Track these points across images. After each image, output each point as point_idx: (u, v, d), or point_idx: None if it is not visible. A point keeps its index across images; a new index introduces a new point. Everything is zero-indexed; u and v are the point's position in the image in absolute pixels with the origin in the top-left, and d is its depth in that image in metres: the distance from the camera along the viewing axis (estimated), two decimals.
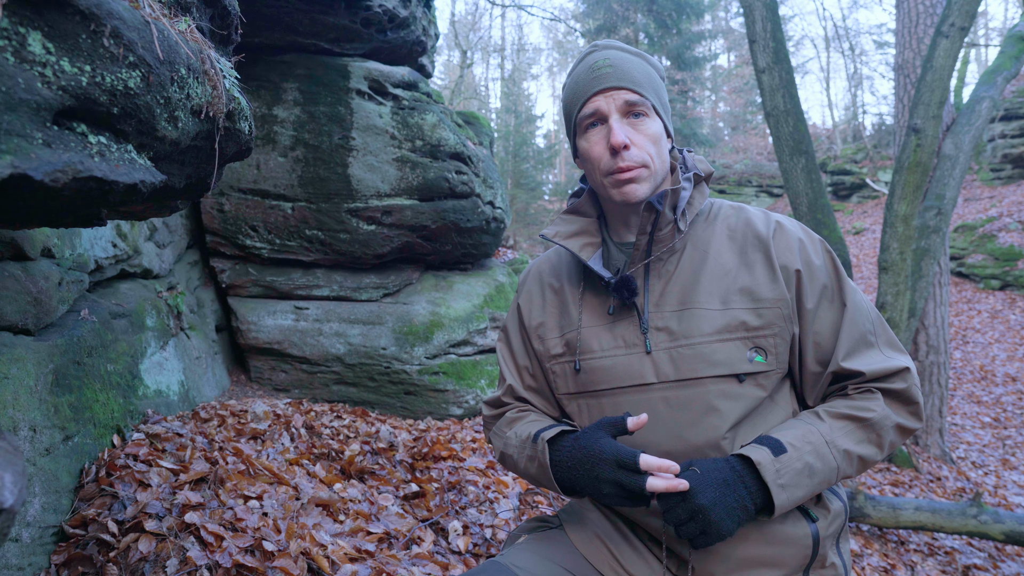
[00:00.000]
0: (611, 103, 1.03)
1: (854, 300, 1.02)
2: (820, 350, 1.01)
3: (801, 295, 1.01)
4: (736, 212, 1.10)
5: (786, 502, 0.92)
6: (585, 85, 1.05)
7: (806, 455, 0.93)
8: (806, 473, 0.93)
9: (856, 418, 0.97)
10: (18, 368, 1.64)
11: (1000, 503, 4.87)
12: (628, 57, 1.06)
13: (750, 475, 0.92)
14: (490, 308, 4.50)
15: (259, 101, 4.00)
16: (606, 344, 1.06)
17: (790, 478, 0.92)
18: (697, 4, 14.33)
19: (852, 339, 1.00)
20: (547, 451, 1.03)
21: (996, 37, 24.34)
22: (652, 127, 1.04)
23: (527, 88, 32.71)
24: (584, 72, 1.06)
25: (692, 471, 0.92)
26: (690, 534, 0.89)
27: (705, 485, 0.90)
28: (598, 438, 0.97)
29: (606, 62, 1.04)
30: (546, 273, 1.20)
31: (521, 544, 1.09)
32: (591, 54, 1.08)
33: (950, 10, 4.97)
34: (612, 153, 1.02)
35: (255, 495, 1.93)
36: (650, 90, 1.05)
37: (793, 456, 0.93)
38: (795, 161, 5.21)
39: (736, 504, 0.90)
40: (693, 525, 0.89)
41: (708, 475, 0.91)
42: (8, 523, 0.82)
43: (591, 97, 1.04)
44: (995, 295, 11.26)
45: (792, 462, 0.92)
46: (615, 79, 1.03)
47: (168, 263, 3.33)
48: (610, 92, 1.03)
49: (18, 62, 0.82)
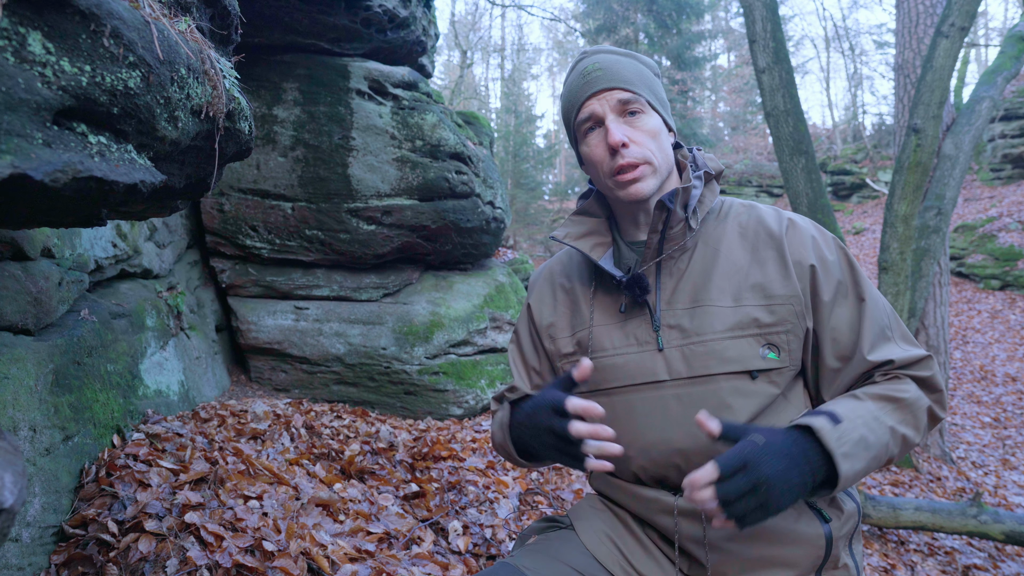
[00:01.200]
0: (605, 104, 1.04)
1: (872, 295, 1.02)
2: (838, 345, 1.01)
3: (816, 291, 1.01)
4: (747, 210, 1.10)
5: (849, 473, 0.86)
6: (578, 91, 1.07)
7: (860, 427, 0.89)
8: (863, 445, 0.88)
9: (893, 398, 0.96)
10: (18, 368, 1.64)
11: (1000, 503, 4.87)
12: (617, 59, 1.07)
13: (812, 447, 0.87)
14: (490, 308, 4.50)
15: (259, 101, 4.00)
16: (618, 342, 1.06)
17: (850, 447, 0.87)
18: (697, 4, 14.32)
19: (873, 334, 1.00)
20: (508, 411, 1.05)
21: (996, 37, 24.34)
22: (650, 122, 1.05)
23: (527, 88, 32.73)
24: (576, 79, 1.08)
25: (752, 440, 0.85)
26: (745, 510, 0.81)
27: (769, 455, 0.82)
28: (547, 390, 0.98)
29: (595, 66, 1.06)
30: (557, 274, 1.21)
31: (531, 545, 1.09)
32: (581, 61, 1.10)
33: (950, 10, 4.97)
34: (612, 153, 1.03)
35: (255, 495, 1.93)
36: (643, 87, 1.06)
37: (849, 426, 0.88)
38: (795, 161, 5.21)
39: (798, 478, 0.84)
40: (752, 499, 0.81)
41: (771, 445, 0.84)
42: (8, 523, 0.82)
43: (585, 101, 1.05)
44: (995, 295, 11.26)
45: (850, 431, 0.88)
46: (606, 81, 1.04)
47: (168, 263, 3.33)
48: (602, 94, 1.04)
49: (18, 62, 0.82)
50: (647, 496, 1.04)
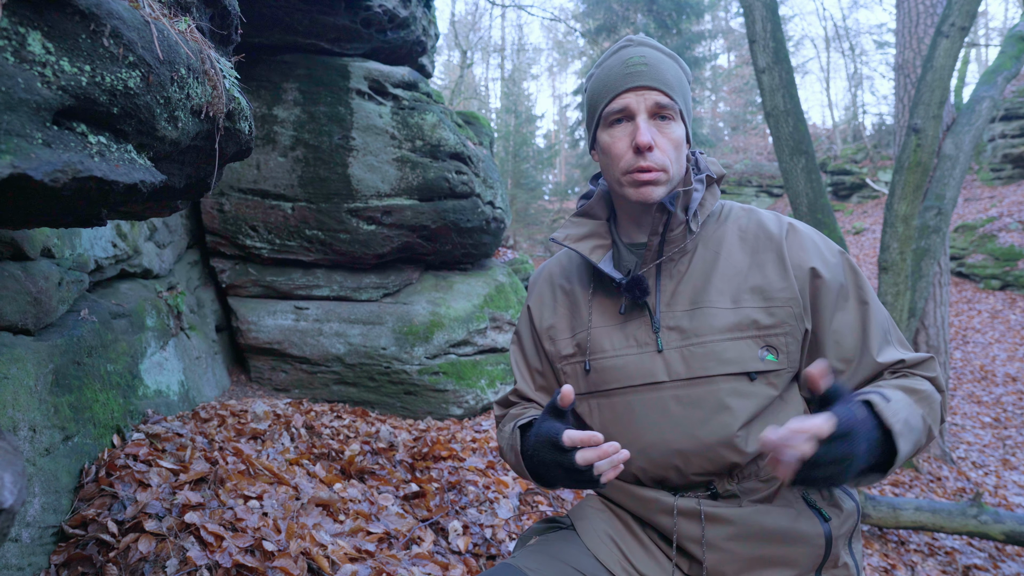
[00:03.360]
0: (641, 102, 1.02)
1: (874, 299, 1.03)
2: (842, 348, 1.01)
3: (817, 294, 1.01)
4: (747, 214, 1.11)
5: (904, 450, 0.84)
6: (617, 79, 1.03)
7: (903, 408, 0.88)
8: (908, 427, 0.87)
9: (915, 390, 0.95)
10: (18, 368, 1.64)
11: (1000, 503, 4.87)
12: (662, 57, 1.05)
13: (872, 428, 0.84)
14: (490, 308, 4.49)
15: (259, 101, 4.00)
16: (618, 344, 1.06)
17: (901, 426, 0.85)
18: (697, 4, 14.32)
19: (878, 337, 1.00)
20: (519, 438, 1.04)
21: (996, 37, 24.33)
22: (677, 132, 1.04)
23: (527, 88, 32.72)
24: (617, 66, 1.04)
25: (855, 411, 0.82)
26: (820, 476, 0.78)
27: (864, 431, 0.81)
28: (543, 421, 0.97)
29: (641, 59, 1.03)
30: (556, 275, 1.21)
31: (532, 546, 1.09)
32: (625, 48, 1.06)
33: (950, 10, 4.97)
34: (636, 152, 1.01)
35: (255, 495, 1.93)
36: (680, 94, 1.05)
37: (896, 407, 0.87)
38: (795, 161, 5.21)
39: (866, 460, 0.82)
40: (832, 469, 0.78)
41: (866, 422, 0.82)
42: (8, 523, 0.81)
43: (622, 93, 1.02)
44: (995, 295, 11.25)
45: (899, 411, 0.86)
46: (648, 78, 1.02)
47: (168, 263, 3.33)
48: (642, 91, 1.02)
49: (18, 62, 0.82)
50: (647, 496, 1.05)
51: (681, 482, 1.03)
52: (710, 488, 1.02)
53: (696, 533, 1.00)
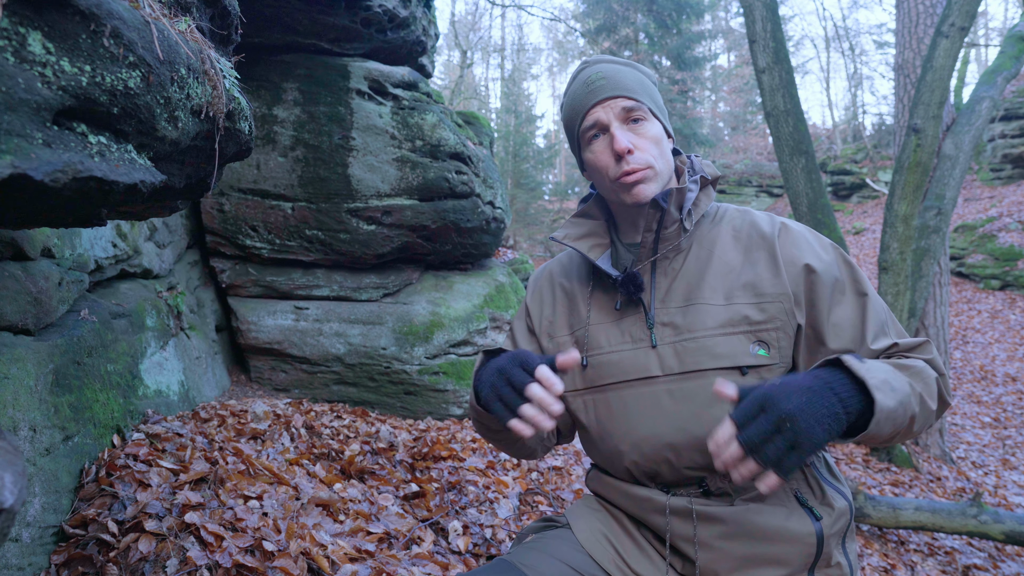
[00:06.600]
0: (609, 112, 1.07)
1: (872, 291, 1.04)
2: (841, 341, 1.01)
3: (813, 289, 1.02)
4: (741, 214, 1.14)
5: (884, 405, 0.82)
6: (583, 99, 1.09)
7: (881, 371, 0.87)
8: (889, 386, 0.85)
9: (904, 365, 0.96)
10: (18, 368, 1.64)
11: (1000, 503, 4.87)
12: (619, 68, 1.11)
13: (838, 379, 0.84)
14: (490, 308, 4.50)
15: (259, 101, 4.00)
16: (613, 340, 1.09)
17: (879, 382, 0.83)
18: (697, 4, 14.32)
19: (876, 327, 1.01)
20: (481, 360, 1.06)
21: (996, 37, 24.34)
22: (652, 129, 1.08)
23: (527, 88, 32.72)
24: (580, 88, 1.11)
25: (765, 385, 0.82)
26: (777, 452, 0.77)
27: (787, 391, 0.80)
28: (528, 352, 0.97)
29: (599, 75, 1.08)
30: (557, 274, 1.24)
31: (528, 543, 1.11)
32: (583, 71, 1.12)
33: (950, 10, 4.97)
34: (618, 159, 1.05)
35: (255, 495, 1.93)
36: (644, 95, 1.09)
37: (873, 367, 0.86)
38: (795, 161, 5.21)
39: (825, 408, 0.79)
40: (780, 439, 0.77)
41: (788, 383, 0.82)
42: (8, 523, 0.81)
43: (590, 109, 1.08)
44: (995, 295, 11.26)
45: (875, 370, 0.85)
46: (610, 89, 1.07)
47: (168, 263, 3.33)
48: (607, 102, 1.07)
49: (18, 62, 0.82)
50: (640, 495, 1.06)
51: (673, 477, 1.04)
52: (702, 485, 1.03)
53: (688, 532, 1.01)
